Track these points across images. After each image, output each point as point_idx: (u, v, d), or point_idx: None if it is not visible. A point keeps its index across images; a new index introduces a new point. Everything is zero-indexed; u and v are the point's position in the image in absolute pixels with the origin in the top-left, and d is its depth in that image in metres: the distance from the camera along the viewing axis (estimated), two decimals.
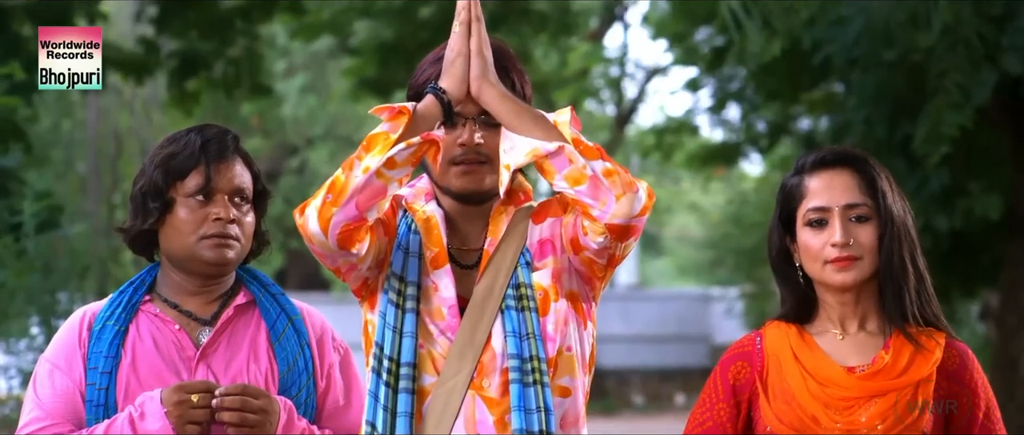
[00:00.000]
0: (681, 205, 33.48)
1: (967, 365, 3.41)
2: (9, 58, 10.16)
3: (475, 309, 3.42)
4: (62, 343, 3.70)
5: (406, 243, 3.48)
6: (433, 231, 3.47)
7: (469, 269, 3.50)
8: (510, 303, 3.43)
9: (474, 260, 3.50)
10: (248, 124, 24.88)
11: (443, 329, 3.43)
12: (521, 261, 3.46)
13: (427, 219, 3.49)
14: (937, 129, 9.14)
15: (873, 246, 3.36)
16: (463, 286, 3.47)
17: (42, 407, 3.62)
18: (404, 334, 3.41)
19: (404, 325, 3.42)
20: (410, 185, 3.55)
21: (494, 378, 3.40)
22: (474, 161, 3.46)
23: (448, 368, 3.39)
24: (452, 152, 3.45)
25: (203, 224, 3.65)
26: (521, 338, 3.39)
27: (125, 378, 3.62)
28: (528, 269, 3.46)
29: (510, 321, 3.41)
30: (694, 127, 18.38)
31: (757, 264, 23.46)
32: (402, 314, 3.42)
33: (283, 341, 3.72)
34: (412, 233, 3.49)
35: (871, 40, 9.95)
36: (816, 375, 3.35)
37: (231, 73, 13.30)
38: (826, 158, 3.44)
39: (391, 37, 13.82)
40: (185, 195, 3.66)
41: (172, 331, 3.68)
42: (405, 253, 3.47)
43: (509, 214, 3.51)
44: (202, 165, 3.65)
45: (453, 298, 3.43)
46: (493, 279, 3.44)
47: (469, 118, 3.45)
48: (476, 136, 3.43)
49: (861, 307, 3.42)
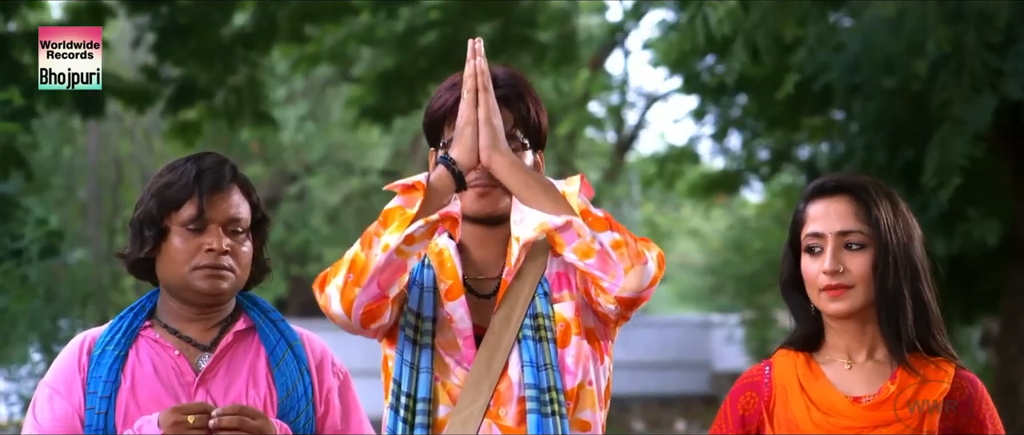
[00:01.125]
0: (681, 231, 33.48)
1: (977, 396, 3.40)
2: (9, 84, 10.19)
3: (492, 339, 3.43)
4: (62, 368, 3.70)
5: (421, 279, 3.49)
6: (446, 264, 3.48)
7: (486, 298, 3.50)
8: (527, 333, 3.43)
9: (491, 289, 3.51)
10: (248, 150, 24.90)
11: (459, 360, 3.43)
12: (539, 291, 3.47)
13: (439, 252, 3.50)
14: (946, 159, 9.14)
15: (866, 274, 3.36)
16: (480, 316, 3.48)
17: (41, 431, 3.62)
18: (420, 369, 3.42)
19: (420, 361, 3.43)
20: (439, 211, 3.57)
21: (511, 407, 3.40)
22: (490, 184, 3.48)
23: (464, 397, 3.40)
24: (467, 176, 3.46)
25: (196, 254, 3.66)
26: (538, 368, 3.39)
27: (124, 403, 3.61)
28: (546, 300, 3.47)
29: (527, 351, 3.41)
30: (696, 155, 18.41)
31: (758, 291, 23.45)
32: (418, 350, 3.44)
33: (282, 367, 3.72)
34: (425, 267, 3.50)
35: (871, 67, 9.97)
36: (820, 405, 3.34)
37: (232, 102, 13.32)
38: (825, 185, 3.45)
39: (392, 65, 13.85)
40: (179, 225, 3.67)
41: (171, 357, 3.69)
42: (420, 289, 3.48)
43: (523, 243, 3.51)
44: (195, 196, 3.66)
45: (469, 329, 3.43)
46: (511, 309, 3.45)
47: None
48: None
49: (868, 335, 3.40)
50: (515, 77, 3.55)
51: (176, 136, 13.68)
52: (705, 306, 30.58)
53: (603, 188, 25.72)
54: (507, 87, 3.51)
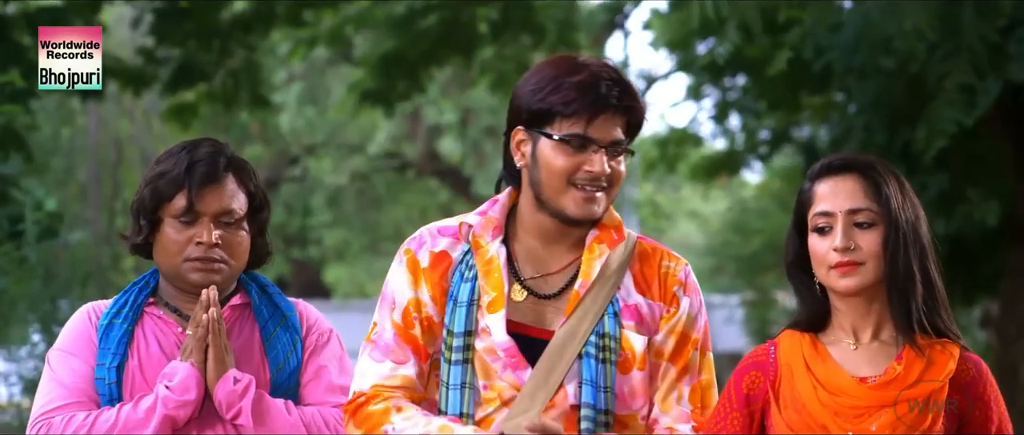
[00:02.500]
0: (681, 213, 33.47)
1: (981, 378, 3.40)
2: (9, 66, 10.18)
3: (554, 351, 3.38)
4: (73, 333, 3.75)
5: (458, 294, 3.44)
6: (494, 274, 3.43)
7: (546, 299, 3.46)
8: (590, 351, 3.39)
9: (554, 290, 3.46)
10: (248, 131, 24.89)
11: (505, 364, 3.40)
12: (609, 310, 3.44)
13: (488, 261, 3.44)
14: (935, 127, 9.16)
15: (877, 252, 3.35)
16: (536, 315, 3.44)
17: (63, 385, 3.66)
18: (452, 387, 3.40)
19: (452, 378, 3.40)
20: (480, 213, 3.52)
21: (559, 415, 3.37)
22: (597, 187, 3.43)
23: (518, 405, 3.35)
24: (574, 176, 3.40)
25: (187, 246, 3.70)
26: (598, 389, 3.38)
27: (132, 378, 3.67)
28: (615, 321, 3.43)
29: (588, 370, 3.38)
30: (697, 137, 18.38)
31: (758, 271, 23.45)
32: (449, 367, 3.41)
33: (273, 341, 3.75)
34: (464, 282, 3.44)
35: (870, 48, 9.97)
36: (827, 385, 3.34)
37: (230, 85, 13.30)
38: (833, 164, 3.44)
39: (392, 48, 13.82)
40: (171, 216, 3.70)
41: (175, 333, 3.74)
42: (455, 304, 3.43)
43: (603, 254, 3.47)
44: (185, 189, 3.69)
45: (507, 341, 3.38)
46: (578, 323, 3.40)
47: (602, 146, 3.40)
48: (606, 166, 3.40)
49: (874, 315, 3.40)
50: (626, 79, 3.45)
51: (173, 118, 13.67)
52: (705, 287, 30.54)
53: None
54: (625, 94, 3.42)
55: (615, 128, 3.40)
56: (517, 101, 3.45)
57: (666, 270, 3.52)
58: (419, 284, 3.45)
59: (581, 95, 3.36)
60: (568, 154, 3.38)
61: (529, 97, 3.42)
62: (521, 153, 3.45)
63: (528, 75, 3.47)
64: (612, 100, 3.38)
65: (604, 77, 3.39)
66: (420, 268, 3.46)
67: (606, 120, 3.38)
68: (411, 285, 3.45)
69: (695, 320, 3.51)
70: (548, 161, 3.39)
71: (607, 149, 3.39)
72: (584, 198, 3.41)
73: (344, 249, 26.39)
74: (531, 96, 3.42)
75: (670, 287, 3.51)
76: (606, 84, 3.38)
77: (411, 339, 3.43)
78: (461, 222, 3.50)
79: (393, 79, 13.84)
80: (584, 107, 3.36)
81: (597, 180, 3.40)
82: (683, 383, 3.48)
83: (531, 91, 3.42)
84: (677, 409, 3.46)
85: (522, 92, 3.44)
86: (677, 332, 3.49)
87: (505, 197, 3.54)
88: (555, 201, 3.42)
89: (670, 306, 3.49)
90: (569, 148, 3.38)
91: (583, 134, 3.37)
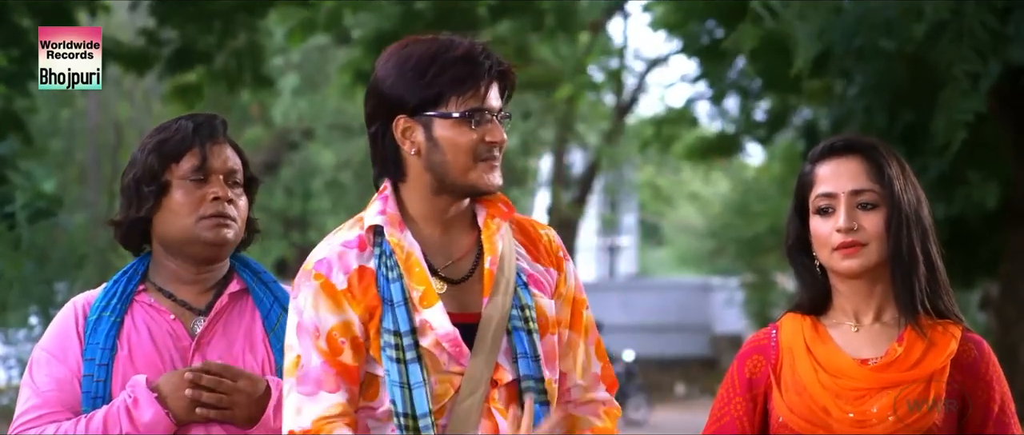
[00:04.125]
0: (681, 195, 33.50)
1: (983, 358, 3.40)
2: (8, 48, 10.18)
3: (486, 330, 3.37)
4: (57, 332, 3.69)
5: (390, 295, 3.38)
6: (415, 268, 3.37)
7: (462, 282, 3.43)
8: (517, 324, 3.40)
9: (466, 272, 3.43)
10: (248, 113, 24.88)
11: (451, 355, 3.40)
12: (519, 280, 3.44)
13: (407, 257, 3.39)
14: (952, 117, 9.17)
15: (880, 233, 3.35)
16: (460, 301, 3.41)
17: (40, 395, 3.61)
18: (412, 387, 3.36)
19: (409, 378, 3.37)
20: (380, 212, 3.43)
21: (502, 390, 3.37)
22: (497, 157, 3.42)
23: (465, 388, 3.35)
24: (477, 150, 3.38)
25: (201, 205, 3.65)
26: (531, 360, 3.38)
27: (122, 369, 3.61)
28: (527, 290, 3.43)
29: (520, 342, 3.38)
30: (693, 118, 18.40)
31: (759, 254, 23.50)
32: (404, 367, 3.37)
33: (278, 330, 3.71)
34: (391, 282, 3.39)
35: (870, 31, 9.96)
36: (828, 367, 3.34)
37: (232, 66, 13.30)
38: (835, 145, 3.44)
39: (390, 28, 13.81)
40: (181, 177, 3.66)
41: (167, 321, 3.68)
42: (392, 305, 3.38)
43: (500, 228, 3.46)
44: (197, 146, 3.65)
45: (452, 331, 3.35)
46: (500, 299, 3.40)
47: (494, 114, 3.40)
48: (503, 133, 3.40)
49: (876, 297, 3.40)
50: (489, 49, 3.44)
51: (176, 99, 13.66)
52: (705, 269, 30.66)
53: (604, 151, 25.72)
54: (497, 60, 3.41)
55: (497, 95, 3.42)
56: (392, 91, 3.41)
57: (546, 237, 3.54)
58: (342, 307, 3.37)
59: (468, 70, 3.37)
60: (470, 129, 3.36)
61: (411, 84, 3.38)
62: (411, 141, 3.40)
63: (391, 64, 3.43)
64: (495, 69, 3.40)
65: (478, 48, 3.40)
66: (337, 291, 3.37)
67: (492, 89, 3.40)
68: (332, 310, 3.36)
69: (577, 281, 3.54)
70: (451, 141, 3.37)
71: (497, 117, 3.41)
72: (489, 168, 3.40)
73: None
74: (413, 83, 3.38)
75: (554, 252, 3.52)
76: (482, 54, 3.40)
77: (339, 364, 3.36)
78: (359, 232, 3.42)
79: None
80: (475, 81, 3.37)
81: (498, 148, 3.40)
82: (588, 343, 3.53)
83: (410, 78, 3.39)
84: (590, 371, 3.51)
85: (396, 82, 3.40)
86: (570, 298, 3.51)
87: (391, 192, 3.48)
88: (463, 179, 3.39)
89: (560, 272, 3.51)
90: (470, 123, 3.36)
91: (481, 107, 3.37)
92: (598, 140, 25.86)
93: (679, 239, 36.67)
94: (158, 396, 3.54)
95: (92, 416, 3.56)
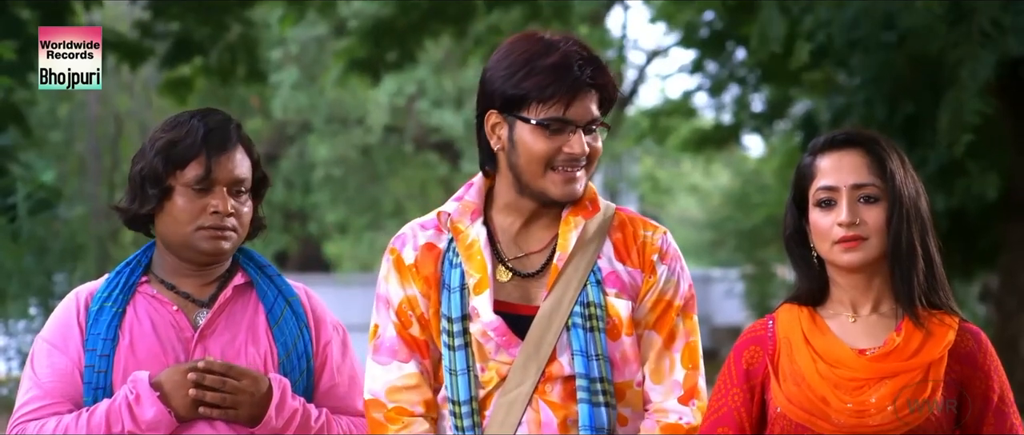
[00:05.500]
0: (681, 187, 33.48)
1: (981, 349, 3.40)
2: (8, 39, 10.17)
3: (541, 323, 3.40)
4: (59, 323, 3.69)
5: (449, 280, 3.46)
6: (476, 257, 3.44)
7: (531, 277, 3.47)
8: (577, 321, 3.41)
9: (537, 268, 3.47)
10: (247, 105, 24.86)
11: (499, 344, 3.41)
12: (591, 279, 3.44)
13: (470, 245, 3.45)
14: (959, 117, 9.16)
15: (881, 227, 3.35)
16: (523, 293, 3.45)
17: (41, 386, 3.61)
18: (457, 373, 3.41)
19: (456, 364, 3.42)
20: (457, 198, 3.52)
21: (557, 385, 3.39)
22: (577, 167, 3.43)
23: (511, 379, 3.39)
24: (553, 159, 3.40)
25: (200, 215, 3.64)
26: (589, 358, 3.39)
27: (124, 360, 3.61)
28: (598, 289, 3.44)
29: (577, 340, 3.40)
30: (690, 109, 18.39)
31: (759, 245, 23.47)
32: (453, 354, 3.42)
33: (282, 324, 3.71)
34: (453, 267, 3.46)
35: (871, 23, 9.96)
36: (826, 357, 3.34)
37: (227, 59, 13.29)
38: (836, 138, 3.43)
39: (389, 15, 13.77)
40: (184, 184, 3.64)
41: (169, 313, 3.67)
42: (449, 290, 3.45)
43: (578, 226, 3.47)
44: (203, 156, 3.64)
45: (495, 320, 3.39)
46: (561, 294, 3.42)
47: (580, 126, 3.40)
48: (585, 146, 3.40)
49: (874, 289, 3.39)
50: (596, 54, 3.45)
51: (170, 92, 13.66)
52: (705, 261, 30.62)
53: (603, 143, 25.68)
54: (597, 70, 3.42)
55: (590, 107, 3.41)
56: (489, 85, 3.45)
57: (644, 238, 3.53)
58: (408, 282, 3.48)
59: (556, 79, 3.36)
60: (546, 138, 3.38)
61: (502, 82, 3.41)
62: (497, 137, 3.45)
63: (497, 57, 3.46)
64: (586, 80, 3.39)
65: (576, 57, 3.39)
66: (405, 266, 3.49)
67: (581, 100, 3.39)
68: (400, 284, 3.48)
69: (676, 286, 3.52)
70: (527, 146, 3.40)
71: (583, 128, 3.40)
72: (565, 179, 3.41)
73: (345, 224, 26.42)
74: (504, 81, 3.41)
75: (649, 255, 3.51)
76: (578, 64, 3.38)
77: (409, 337, 3.47)
78: (439, 212, 3.51)
79: (383, 48, 13.79)
80: (560, 91, 3.36)
81: (577, 161, 3.40)
82: (673, 350, 3.50)
83: (503, 75, 3.41)
84: (669, 378, 3.48)
85: (494, 76, 3.44)
86: (658, 300, 3.50)
87: (480, 180, 3.55)
88: (536, 184, 3.42)
89: (649, 275, 3.50)
90: (547, 132, 3.38)
91: (561, 117, 3.37)
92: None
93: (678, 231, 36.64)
94: (160, 393, 3.55)
95: (93, 410, 3.56)
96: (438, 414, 3.46)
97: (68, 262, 10.57)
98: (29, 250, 9.82)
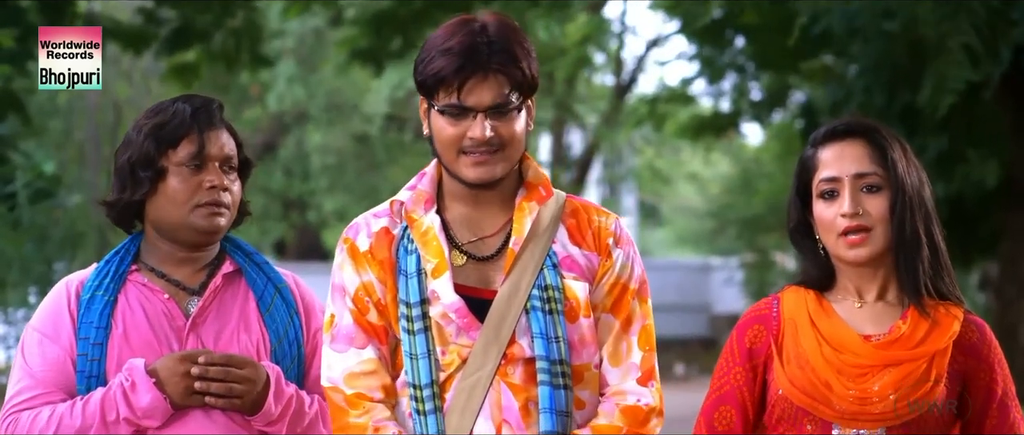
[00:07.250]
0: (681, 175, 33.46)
1: (985, 341, 3.41)
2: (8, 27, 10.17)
3: (500, 307, 3.40)
4: (49, 311, 3.68)
5: (405, 266, 3.45)
6: (432, 243, 3.43)
7: (487, 261, 3.47)
8: (536, 304, 3.41)
9: (493, 250, 3.47)
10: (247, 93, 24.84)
11: (459, 327, 3.42)
12: (548, 263, 3.44)
13: (425, 232, 3.45)
14: (942, 84, 9.18)
15: (884, 216, 3.34)
16: (481, 276, 3.45)
17: (32, 376, 3.60)
18: (418, 357, 3.41)
19: (417, 348, 3.41)
20: (410, 187, 3.51)
21: (519, 367, 3.39)
22: (486, 151, 3.41)
23: (472, 362, 3.38)
24: (461, 144, 3.39)
25: (196, 192, 3.64)
26: (549, 340, 3.39)
27: (117, 348, 3.61)
28: (555, 272, 3.44)
29: (537, 322, 3.39)
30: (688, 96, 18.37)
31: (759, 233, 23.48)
32: (413, 338, 3.41)
33: (273, 311, 3.72)
34: (408, 254, 3.46)
35: (871, 12, 9.96)
36: (831, 341, 3.34)
37: (230, 45, 13.28)
38: (837, 129, 3.43)
39: (384, 6, 13.75)
40: (177, 163, 3.65)
41: (161, 301, 3.67)
42: (406, 276, 3.45)
43: (532, 211, 3.47)
44: (194, 133, 3.64)
45: (457, 302, 3.39)
46: (519, 278, 3.41)
47: (479, 111, 3.39)
48: (487, 130, 3.39)
49: (879, 278, 3.40)
50: (507, 26, 3.43)
51: (174, 78, 13.64)
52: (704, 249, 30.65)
53: (603, 133, 25.69)
54: (501, 53, 3.38)
55: (493, 91, 3.36)
56: (415, 74, 3.46)
57: (598, 224, 3.53)
58: (363, 269, 3.46)
59: (450, 64, 3.35)
60: (450, 123, 3.38)
61: (419, 69, 3.42)
62: (426, 124, 3.46)
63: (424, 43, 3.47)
64: (486, 64, 3.35)
65: (480, 40, 3.36)
66: (360, 253, 3.47)
67: (479, 85, 3.36)
68: (355, 271, 3.47)
69: (631, 270, 3.51)
70: (438, 132, 3.41)
71: (488, 113, 3.37)
72: (474, 162, 3.40)
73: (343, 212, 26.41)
74: (417, 67, 3.42)
75: (604, 239, 3.51)
76: (482, 47, 3.35)
77: (368, 324, 3.46)
78: (392, 201, 3.50)
79: (384, 38, 13.78)
80: (454, 76, 3.35)
81: (482, 145, 3.38)
82: (630, 333, 3.50)
83: (419, 62, 3.42)
84: (627, 360, 3.48)
85: (416, 63, 3.45)
86: (615, 284, 3.49)
87: (433, 168, 3.54)
88: (453, 168, 3.43)
89: (606, 258, 3.50)
90: (449, 118, 3.38)
91: (458, 104, 3.36)
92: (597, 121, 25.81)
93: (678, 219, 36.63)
94: (155, 380, 3.55)
95: (87, 399, 3.56)
96: (396, 400, 3.46)
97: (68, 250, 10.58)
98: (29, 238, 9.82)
